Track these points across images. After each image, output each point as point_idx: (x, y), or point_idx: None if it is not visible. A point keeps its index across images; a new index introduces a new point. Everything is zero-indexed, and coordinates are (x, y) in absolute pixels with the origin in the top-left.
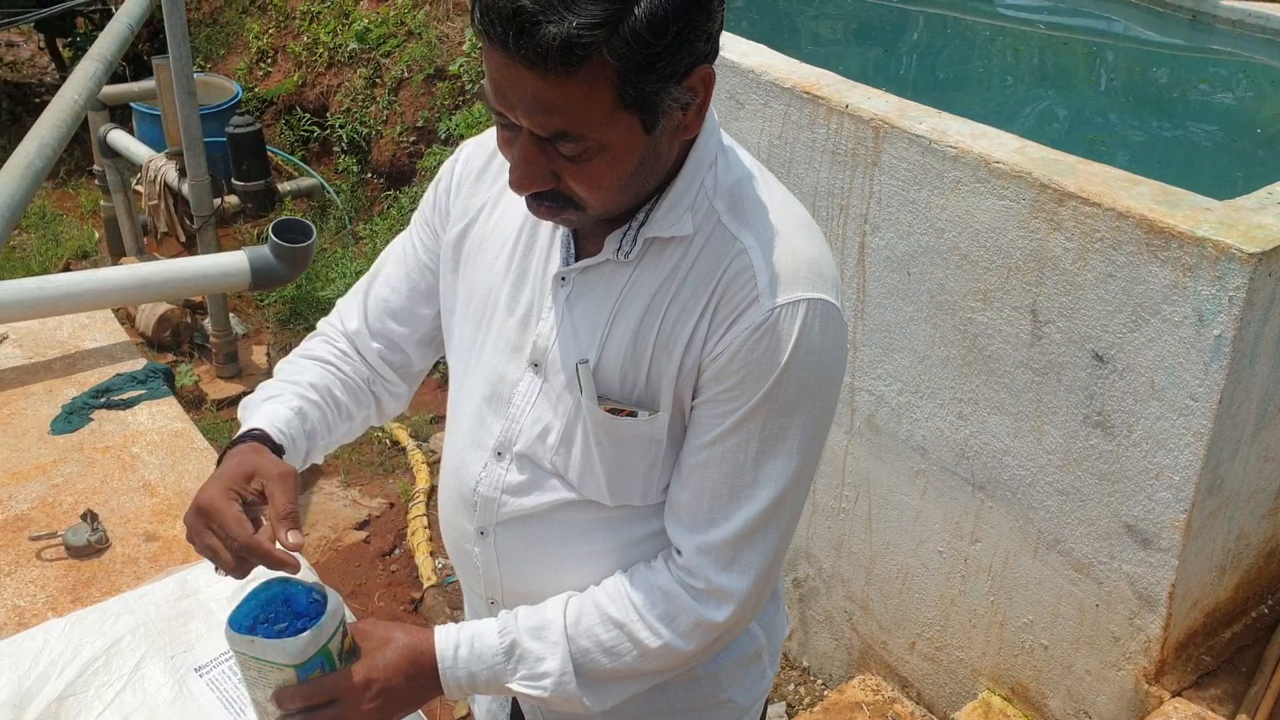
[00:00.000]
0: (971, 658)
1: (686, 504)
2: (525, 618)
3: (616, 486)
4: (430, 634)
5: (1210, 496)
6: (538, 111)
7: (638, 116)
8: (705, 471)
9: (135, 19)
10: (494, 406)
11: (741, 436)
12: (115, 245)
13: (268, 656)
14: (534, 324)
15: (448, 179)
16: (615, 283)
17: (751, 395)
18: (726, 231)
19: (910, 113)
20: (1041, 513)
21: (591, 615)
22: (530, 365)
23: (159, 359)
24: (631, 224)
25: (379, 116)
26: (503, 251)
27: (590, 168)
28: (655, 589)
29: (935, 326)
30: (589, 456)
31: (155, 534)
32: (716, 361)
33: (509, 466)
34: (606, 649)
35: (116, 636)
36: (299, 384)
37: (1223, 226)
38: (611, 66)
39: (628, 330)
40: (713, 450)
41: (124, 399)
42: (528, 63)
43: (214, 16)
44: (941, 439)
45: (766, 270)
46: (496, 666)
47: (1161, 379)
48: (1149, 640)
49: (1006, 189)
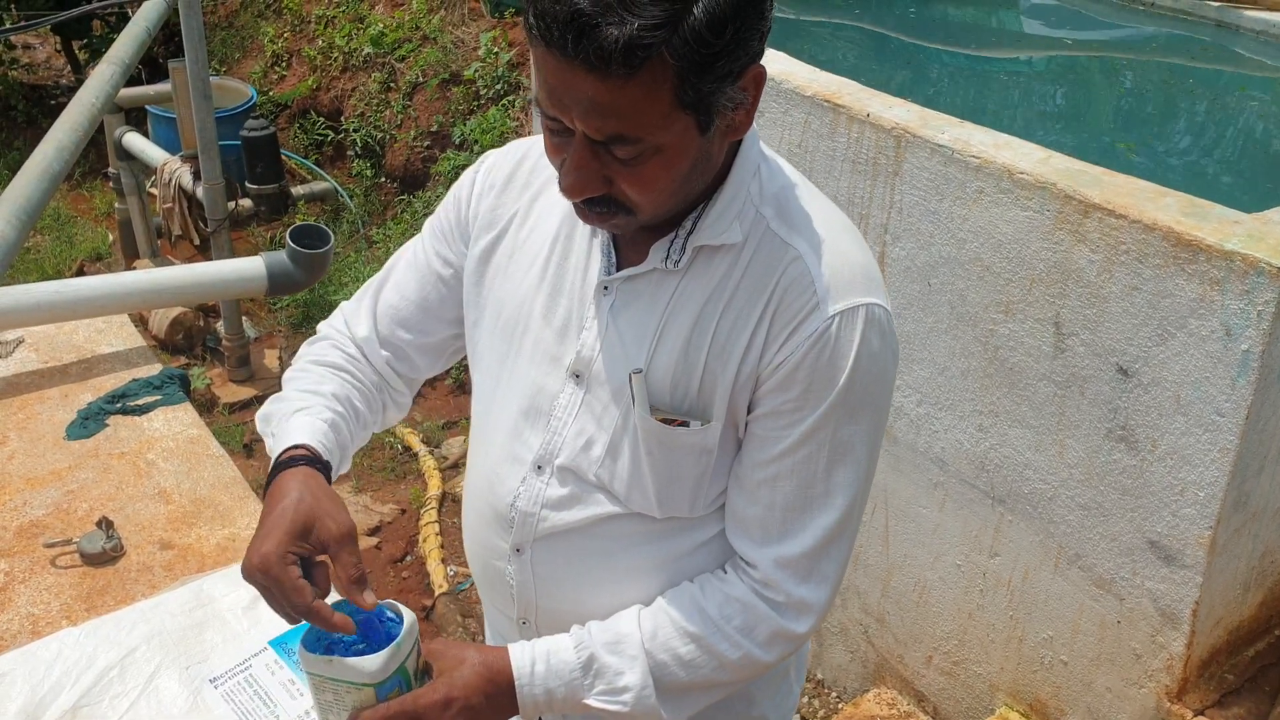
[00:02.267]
0: (989, 673)
1: (757, 518)
2: (599, 632)
3: (666, 497)
4: (504, 652)
5: (1236, 513)
6: (595, 114)
7: (694, 117)
8: (776, 485)
9: (152, 22)
10: (532, 419)
11: (812, 447)
12: (129, 248)
13: (346, 676)
14: (574, 334)
15: (469, 189)
16: (662, 292)
17: (818, 404)
18: (777, 238)
19: (933, 122)
20: (1063, 527)
21: (668, 629)
22: (572, 376)
23: (172, 361)
24: (678, 232)
25: (393, 121)
26: (536, 262)
27: (645, 170)
28: (731, 600)
29: (956, 338)
30: (638, 468)
31: (170, 542)
32: (779, 372)
33: (549, 480)
34: (684, 662)
35: (131, 646)
36: (323, 395)
37: (1251, 240)
38: (671, 67)
39: (678, 340)
40: (783, 463)
41: (140, 405)
42: (587, 66)
43: (229, 20)
44: (961, 451)
45: (824, 277)
46: (574, 682)
47: (1187, 394)
48: (1171, 658)
49: (1030, 200)
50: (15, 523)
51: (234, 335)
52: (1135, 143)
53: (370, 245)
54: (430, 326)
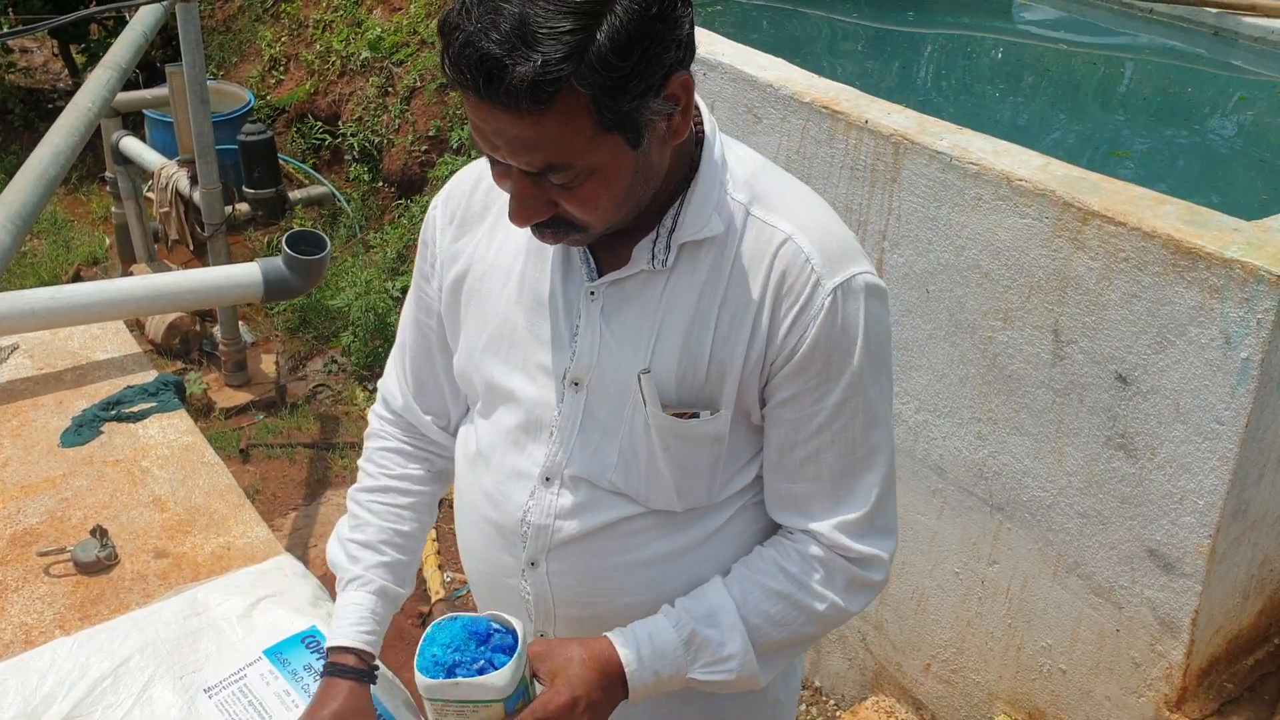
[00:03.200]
0: (988, 681)
1: (806, 494)
2: (692, 607)
3: (685, 489)
4: (606, 642)
5: (1235, 521)
6: (522, 150)
7: (621, 135)
8: (820, 459)
9: (149, 27)
10: (532, 433)
11: (846, 416)
12: (126, 252)
13: (475, 696)
14: (566, 343)
15: (432, 227)
16: (652, 291)
17: (841, 375)
18: (760, 223)
19: (931, 129)
20: (1061, 535)
21: (756, 592)
22: (570, 385)
23: (168, 366)
24: (659, 231)
25: (391, 125)
26: (510, 279)
27: (583, 192)
28: (809, 557)
29: (954, 345)
30: (654, 465)
31: (165, 550)
32: (796, 354)
33: (560, 491)
34: (776, 621)
35: (125, 656)
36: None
37: (1251, 247)
38: (583, 95)
39: (677, 336)
40: (822, 438)
41: (134, 411)
42: (502, 106)
43: (227, 24)
44: (959, 459)
45: (818, 253)
46: (678, 660)
47: (1187, 401)
48: (1170, 667)
49: (1029, 207)
50: (8, 531)
51: (231, 340)
52: (1134, 149)
53: (367, 250)
54: (445, 374)
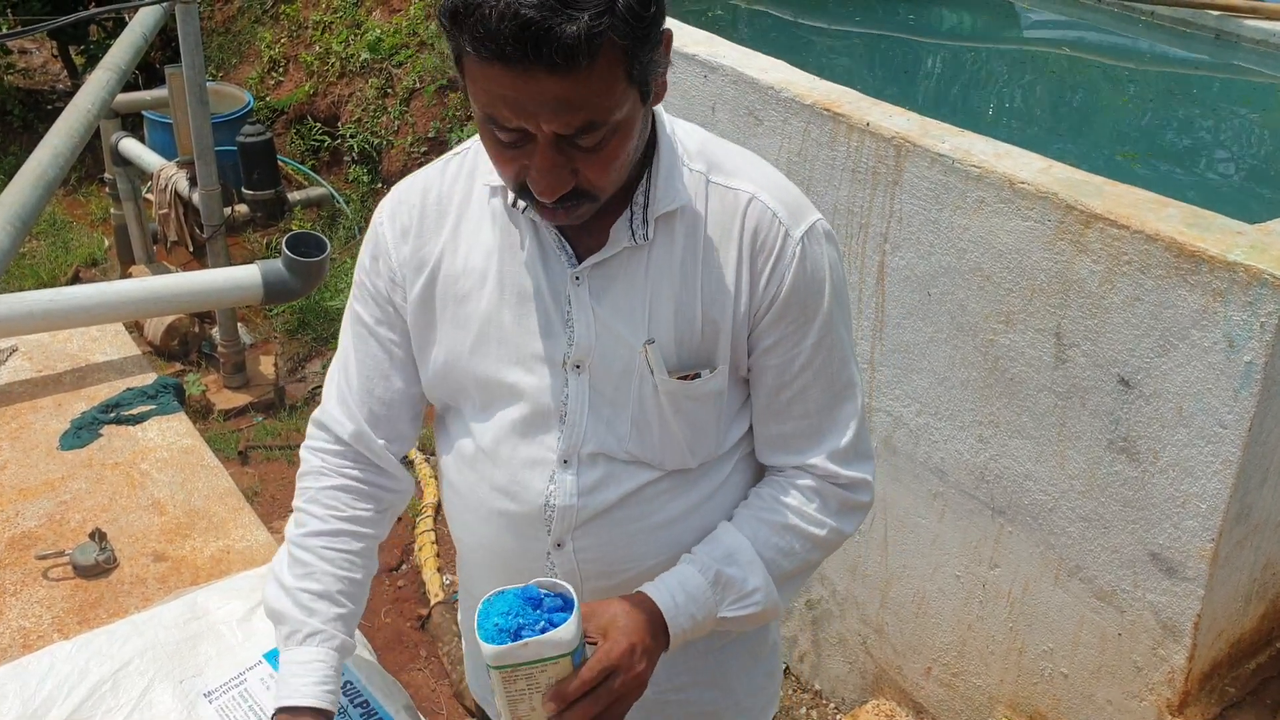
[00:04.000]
0: (989, 685)
1: (796, 431)
2: (711, 551)
3: (698, 446)
4: (642, 595)
5: (1238, 525)
6: (565, 111)
7: (638, 89)
8: (805, 397)
9: (149, 28)
10: (543, 421)
11: (824, 353)
12: (125, 253)
13: (545, 654)
14: (559, 330)
15: (383, 244)
16: (635, 267)
17: (814, 317)
18: (722, 188)
19: (933, 131)
20: (1063, 539)
21: (763, 529)
22: (572, 369)
23: (167, 368)
24: (633, 209)
25: (390, 127)
26: (487, 280)
27: (607, 152)
28: (804, 488)
29: (956, 348)
30: (667, 430)
31: (164, 554)
32: (776, 303)
33: (580, 470)
34: (785, 552)
35: (124, 660)
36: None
37: (1255, 251)
38: (620, 47)
39: (669, 304)
40: (805, 376)
41: (134, 414)
42: (549, 68)
43: (227, 25)
44: (961, 462)
45: (782, 208)
46: (708, 601)
47: (1190, 405)
48: (1172, 671)
49: (1031, 210)
50: (7, 534)
51: (229, 342)
52: (1137, 152)
53: None
54: (402, 391)
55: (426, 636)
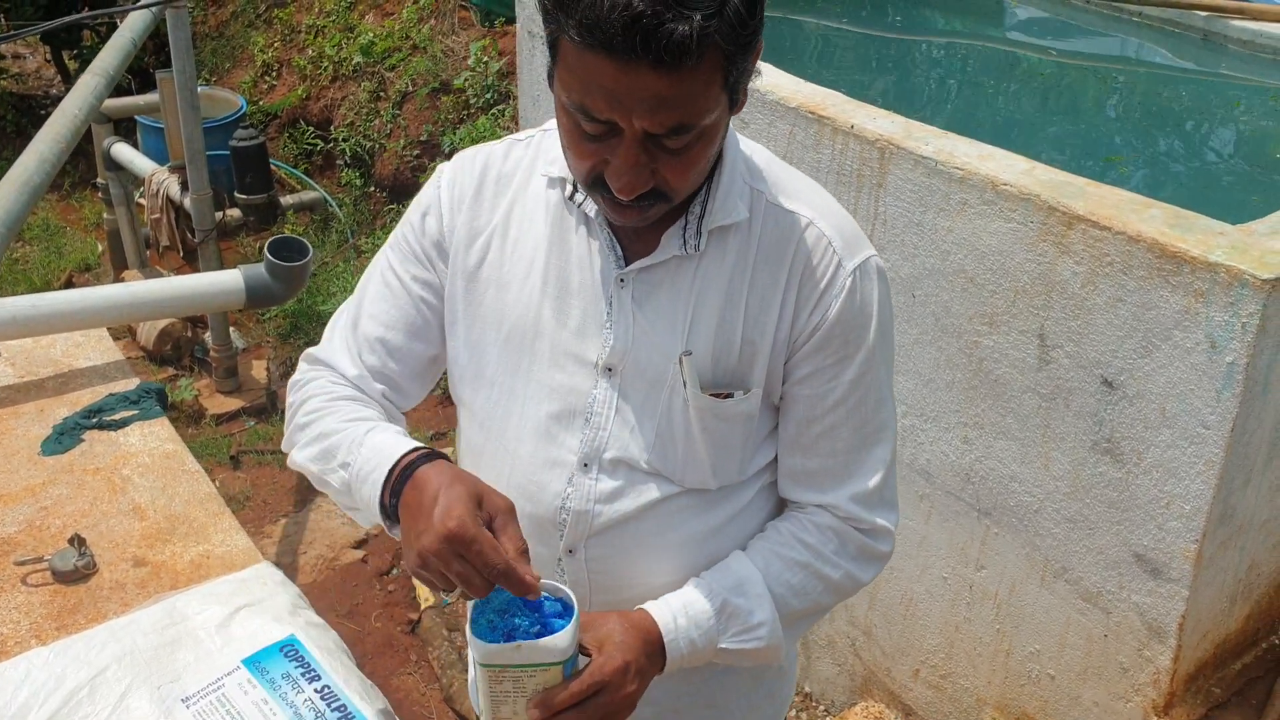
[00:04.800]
0: (977, 686)
1: (821, 469)
2: (720, 578)
3: (720, 467)
4: (644, 613)
5: (1222, 526)
6: (661, 109)
7: (729, 96)
8: (835, 434)
9: (138, 33)
10: (566, 421)
11: (860, 392)
12: (118, 258)
13: (536, 659)
14: (596, 331)
15: (437, 206)
16: (682, 276)
17: (857, 353)
18: (780, 209)
19: (916, 133)
20: (1049, 540)
21: (776, 563)
22: (603, 371)
23: (160, 373)
24: (688, 218)
25: (382, 130)
26: (533, 269)
27: (690, 155)
28: (824, 528)
29: (940, 350)
30: (691, 446)
31: (144, 559)
32: (817, 332)
33: (599, 476)
34: (797, 591)
35: (101, 666)
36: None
37: (1236, 251)
38: (722, 51)
39: (711, 319)
40: (837, 413)
41: (116, 419)
42: (653, 62)
43: (220, 30)
44: (946, 463)
45: (838, 237)
46: (710, 629)
47: (1173, 406)
48: (1158, 672)
49: (1014, 211)
50: None
51: (222, 346)
52: (1124, 155)
53: (359, 255)
54: (418, 352)
55: (417, 641)
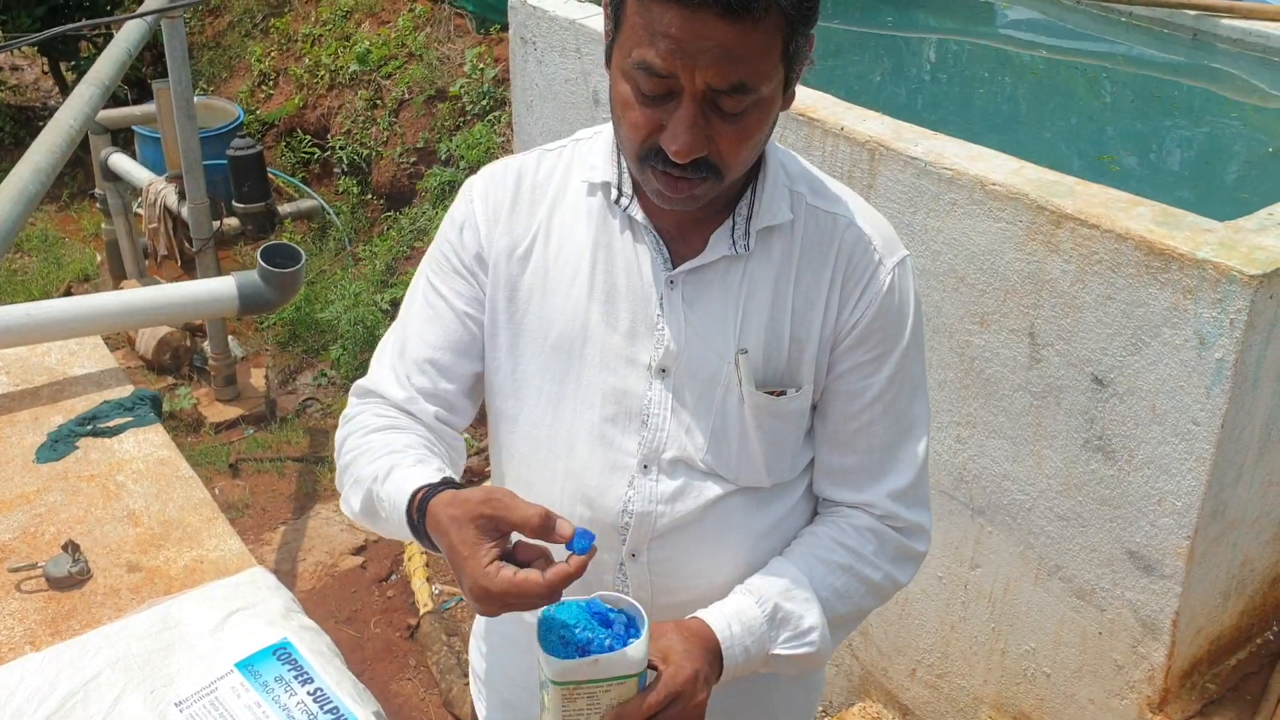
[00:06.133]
0: (973, 685)
1: (858, 465)
2: (768, 584)
3: (774, 465)
4: (699, 621)
5: (1214, 522)
6: (725, 61)
7: (784, 72)
8: (872, 430)
9: (133, 44)
10: (622, 424)
11: (896, 388)
12: (116, 268)
13: (612, 672)
14: (646, 333)
15: (472, 220)
16: (732, 277)
17: (893, 349)
18: (820, 211)
19: (906, 134)
20: (1042, 538)
21: (819, 567)
22: (657, 373)
23: (159, 382)
24: (735, 219)
25: (379, 138)
26: (579, 274)
27: (747, 122)
28: (862, 530)
29: (932, 349)
30: (745, 444)
31: (138, 564)
32: (857, 328)
33: (659, 477)
34: (841, 594)
35: (95, 671)
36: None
37: (1223, 248)
38: (784, 17)
39: (762, 318)
40: (874, 409)
41: (110, 426)
42: (722, 11)
43: (217, 40)
44: (939, 462)
45: (877, 237)
46: (762, 636)
47: (1163, 403)
48: (1153, 669)
49: (1003, 211)
50: None
51: (220, 355)
52: (1115, 153)
53: (356, 262)
54: (468, 369)
55: (416, 646)
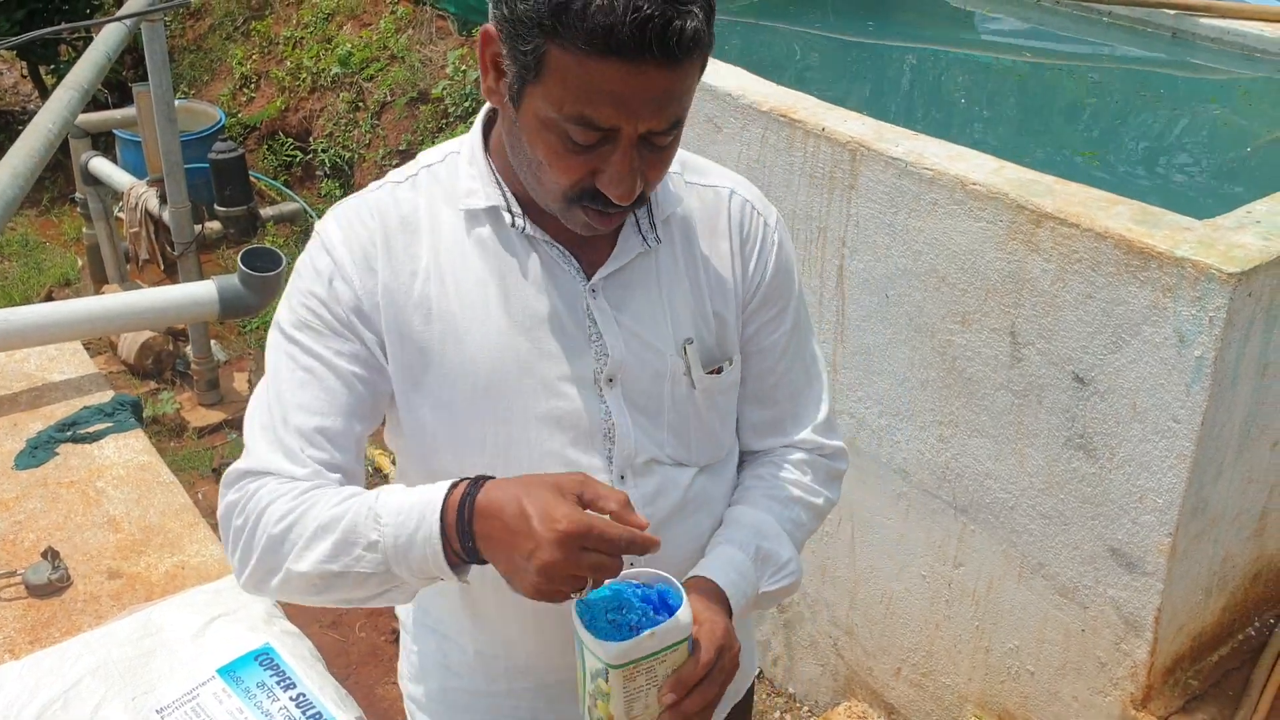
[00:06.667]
0: (957, 684)
1: (780, 414)
2: (743, 531)
3: (725, 437)
4: (701, 578)
5: (1195, 519)
6: (666, 104)
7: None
8: (788, 379)
9: (112, 48)
10: (587, 444)
11: (798, 335)
12: (98, 273)
13: (668, 641)
14: (584, 348)
15: (340, 269)
16: (649, 272)
17: (790, 300)
18: (700, 187)
19: (887, 135)
20: (1025, 536)
21: (774, 504)
22: (605, 383)
23: (141, 386)
24: (638, 216)
25: (361, 140)
26: (491, 309)
27: (668, 151)
28: (800, 464)
29: (914, 349)
30: (702, 427)
31: (119, 571)
32: (761, 289)
33: (636, 483)
34: (796, 524)
35: (75, 679)
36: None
37: (1202, 246)
38: (708, 47)
39: (688, 303)
40: (786, 359)
41: (90, 432)
42: (663, 60)
43: (198, 43)
44: (923, 462)
45: (756, 200)
46: (752, 578)
47: (1143, 401)
48: (1135, 665)
49: (984, 210)
50: None
51: (203, 359)
52: (1096, 150)
53: None
54: (358, 432)
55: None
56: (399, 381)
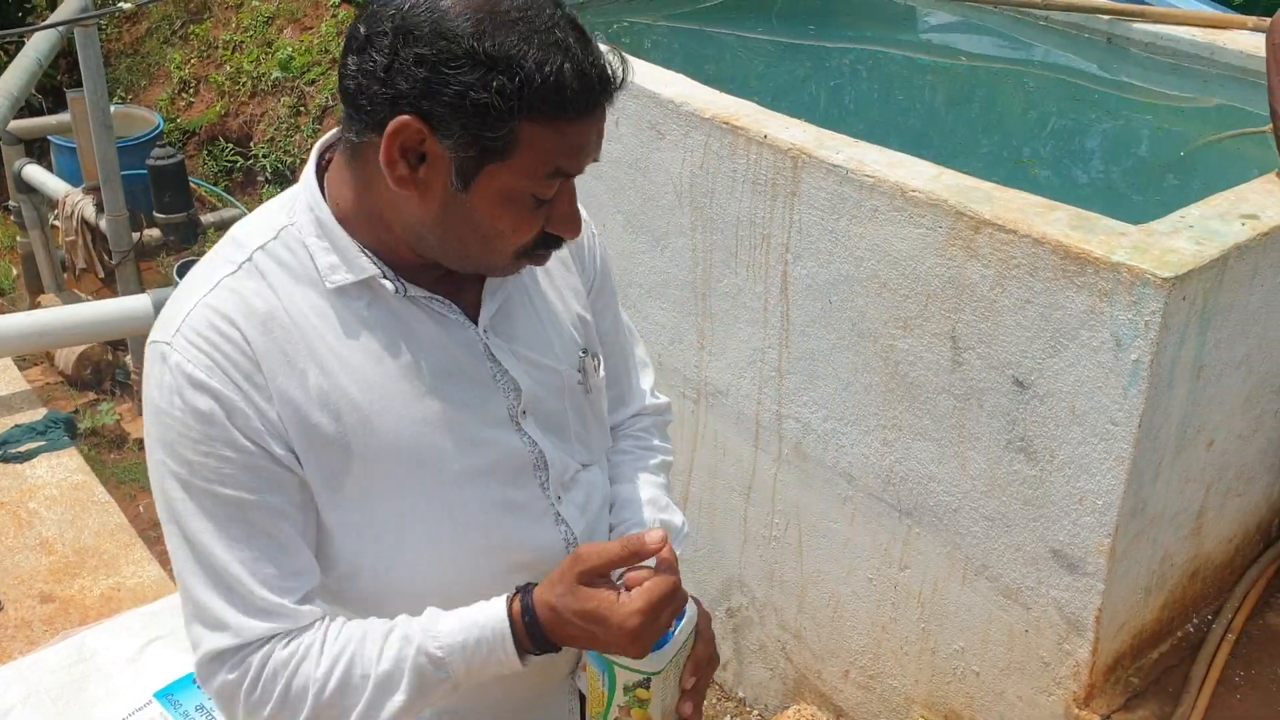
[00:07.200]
0: (905, 685)
1: (626, 389)
2: (641, 510)
3: (607, 426)
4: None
5: (1134, 519)
6: (601, 139)
7: None
8: (624, 354)
9: (43, 53)
10: (523, 481)
11: (622, 315)
12: (33, 282)
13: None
14: (494, 390)
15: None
16: (521, 298)
17: (612, 285)
18: None
19: (828, 142)
20: (968, 539)
21: (649, 475)
22: (520, 417)
23: (80, 398)
24: None
25: (303, 145)
26: (392, 385)
27: None
28: (648, 430)
29: (858, 354)
30: (600, 425)
31: (51, 594)
32: (595, 281)
33: (568, 497)
34: (665, 486)
35: (6, 708)
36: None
37: (1137, 251)
38: None
39: (560, 315)
40: (620, 338)
41: (22, 451)
42: (607, 103)
43: (135, 47)
44: (867, 466)
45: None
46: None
47: (1082, 404)
48: (1078, 664)
49: (923, 217)
50: None
51: (142, 369)
52: (1035, 158)
53: None
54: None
55: None
56: (327, 491)
